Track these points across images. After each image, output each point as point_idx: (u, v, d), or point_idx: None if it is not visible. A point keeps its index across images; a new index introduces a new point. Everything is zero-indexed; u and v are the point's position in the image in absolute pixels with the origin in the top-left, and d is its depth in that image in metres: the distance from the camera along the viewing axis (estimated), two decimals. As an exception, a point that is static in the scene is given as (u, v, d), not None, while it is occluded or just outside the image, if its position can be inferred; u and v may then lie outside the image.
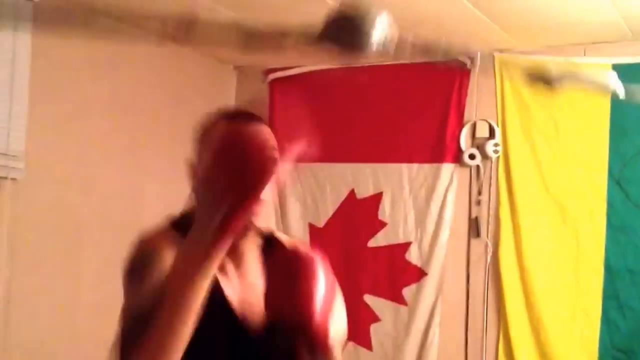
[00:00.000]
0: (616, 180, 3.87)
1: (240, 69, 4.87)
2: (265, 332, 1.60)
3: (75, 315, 3.72)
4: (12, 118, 3.41)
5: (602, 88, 2.33)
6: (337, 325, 1.55)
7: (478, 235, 4.16)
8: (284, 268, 1.54)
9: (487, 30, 3.88)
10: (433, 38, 4.02)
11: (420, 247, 4.30)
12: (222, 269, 1.59)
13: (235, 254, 1.64)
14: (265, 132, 1.68)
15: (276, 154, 1.42)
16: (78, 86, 3.76)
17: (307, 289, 1.49)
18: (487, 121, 4.17)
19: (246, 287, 1.66)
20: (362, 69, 4.47)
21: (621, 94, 1.89)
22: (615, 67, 3.89)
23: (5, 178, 3.39)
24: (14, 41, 3.45)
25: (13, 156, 3.41)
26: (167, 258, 1.46)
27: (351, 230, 4.50)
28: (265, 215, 1.63)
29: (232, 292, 1.62)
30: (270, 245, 1.74)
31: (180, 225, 1.54)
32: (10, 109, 3.41)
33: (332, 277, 1.57)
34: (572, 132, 3.98)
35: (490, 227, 4.15)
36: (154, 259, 1.51)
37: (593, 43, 3.95)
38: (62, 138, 3.68)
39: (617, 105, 3.88)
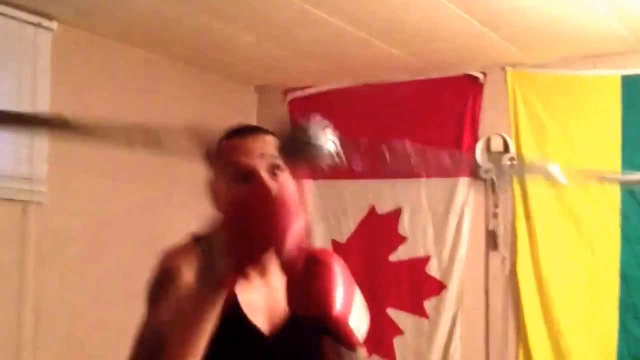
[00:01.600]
0: (630, 191, 3.91)
1: (260, 90, 4.99)
2: (285, 331, 1.69)
3: (101, 333, 3.86)
4: (34, 144, 3.59)
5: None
6: (358, 320, 1.59)
7: (495, 247, 4.23)
8: (303, 267, 1.57)
9: (497, 45, 3.95)
10: (445, 54, 4.13)
11: (439, 260, 4.38)
12: (246, 277, 1.66)
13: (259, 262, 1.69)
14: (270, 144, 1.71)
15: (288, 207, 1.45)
16: (98, 110, 3.90)
17: (325, 283, 1.53)
18: (501, 135, 4.23)
19: (270, 292, 1.72)
20: (379, 87, 4.57)
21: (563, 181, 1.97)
22: (625, 78, 3.95)
23: (30, 202, 3.59)
24: (34, 70, 3.63)
25: (37, 180, 3.60)
26: (188, 277, 1.54)
27: (373, 246, 4.59)
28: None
29: (251, 299, 1.68)
30: None
31: (204, 242, 1.60)
32: (33, 136, 3.59)
33: (348, 274, 1.60)
34: (584, 144, 4.03)
35: (507, 240, 4.21)
36: (175, 278, 1.58)
37: (602, 55, 3.99)
38: (83, 162, 3.83)
39: (628, 116, 3.93)
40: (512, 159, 4.15)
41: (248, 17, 3.72)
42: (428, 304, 4.39)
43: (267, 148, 1.68)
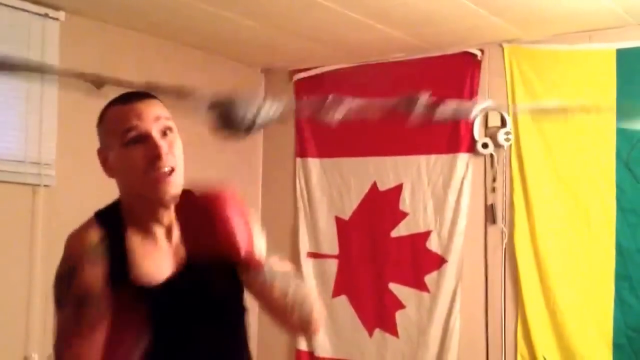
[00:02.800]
0: (624, 163, 3.94)
1: (267, 72, 5.10)
2: (180, 277, 1.75)
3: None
4: (43, 130, 3.73)
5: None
6: (259, 243, 1.65)
7: (494, 221, 4.29)
8: (196, 212, 1.64)
9: (494, 24, 4.01)
10: (443, 33, 4.19)
11: (439, 235, 4.45)
12: (153, 237, 1.75)
13: (162, 223, 1.77)
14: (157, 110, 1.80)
15: None
16: (105, 95, 4.02)
17: (224, 223, 1.58)
18: (498, 110, 4.28)
19: (175, 249, 1.78)
20: (380, 66, 4.65)
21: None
22: (620, 52, 3.98)
23: (39, 185, 3.72)
24: (43, 60, 3.76)
25: (45, 164, 3.74)
26: (88, 272, 1.67)
27: (375, 221, 4.68)
28: (175, 183, 1.75)
29: (146, 257, 1.74)
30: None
31: (106, 217, 1.76)
32: (41, 122, 3.73)
33: (239, 200, 1.64)
34: (580, 117, 4.06)
35: (506, 214, 4.27)
36: (76, 275, 1.69)
37: (596, 30, 4.02)
38: (90, 146, 3.94)
39: (622, 89, 3.95)
40: (507, 133, 4.20)
41: (254, 2, 3.85)
42: (429, 278, 4.46)
43: (159, 111, 1.77)
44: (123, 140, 1.75)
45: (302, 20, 4.06)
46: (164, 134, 1.76)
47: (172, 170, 1.74)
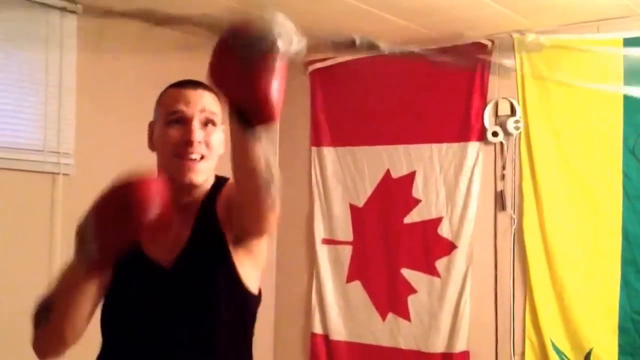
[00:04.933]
0: (631, 150, 4.02)
1: (283, 63, 5.20)
2: (183, 258, 1.82)
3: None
4: (61, 119, 3.87)
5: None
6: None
7: (504, 208, 4.38)
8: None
9: (504, 15, 4.09)
10: (454, 24, 4.28)
11: (450, 221, 4.55)
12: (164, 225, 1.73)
13: (179, 206, 1.79)
14: (207, 101, 1.87)
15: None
16: (123, 83, 4.13)
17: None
18: (508, 100, 4.37)
19: (176, 227, 1.80)
20: (392, 57, 4.74)
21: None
22: (627, 40, 4.06)
23: (58, 174, 3.86)
24: (61, 54, 3.89)
25: (65, 154, 3.87)
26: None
27: (388, 208, 4.79)
28: (201, 171, 1.83)
29: (156, 236, 1.75)
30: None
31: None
32: (60, 111, 3.87)
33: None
34: (587, 105, 4.14)
35: (515, 200, 4.36)
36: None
37: (604, 20, 4.10)
38: (109, 134, 4.08)
39: (630, 78, 4.02)
40: (517, 121, 4.29)
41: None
42: (440, 264, 4.56)
43: (208, 103, 1.86)
44: (167, 119, 1.86)
45: (316, 13, 4.16)
46: (205, 124, 1.85)
47: (202, 158, 1.83)
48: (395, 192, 4.77)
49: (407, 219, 4.71)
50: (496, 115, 4.43)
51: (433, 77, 4.61)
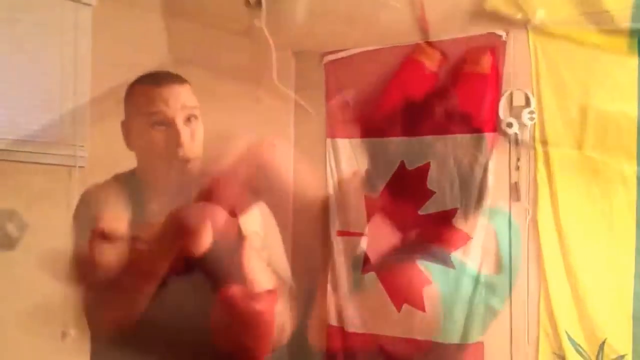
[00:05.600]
0: (645, 141, 4.01)
1: (297, 55, 5.22)
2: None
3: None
4: (76, 111, 3.89)
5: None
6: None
7: (518, 199, 4.38)
8: None
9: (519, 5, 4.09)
10: (469, 15, 4.27)
11: (465, 212, 4.53)
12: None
13: None
14: (182, 96, 1.86)
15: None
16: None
17: None
18: (523, 91, 4.36)
19: None
20: (407, 48, 4.75)
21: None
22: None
23: (73, 166, 3.88)
24: (76, 47, 3.91)
25: (80, 146, 3.90)
26: (106, 204, 1.75)
27: (403, 200, 4.78)
28: (192, 172, 1.85)
29: None
30: None
31: (125, 179, 1.86)
32: (75, 103, 3.89)
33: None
34: (602, 97, 4.13)
35: (530, 191, 4.36)
36: (93, 207, 1.79)
37: (617, 10, 4.08)
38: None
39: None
40: (531, 112, 4.29)
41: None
42: (455, 255, 4.55)
43: (186, 99, 1.87)
44: (148, 120, 1.86)
45: (333, 3, 4.16)
46: (187, 120, 1.86)
47: (191, 159, 1.86)
48: (409, 184, 4.76)
49: (422, 211, 4.69)
50: (511, 106, 4.42)
51: (447, 68, 4.61)
